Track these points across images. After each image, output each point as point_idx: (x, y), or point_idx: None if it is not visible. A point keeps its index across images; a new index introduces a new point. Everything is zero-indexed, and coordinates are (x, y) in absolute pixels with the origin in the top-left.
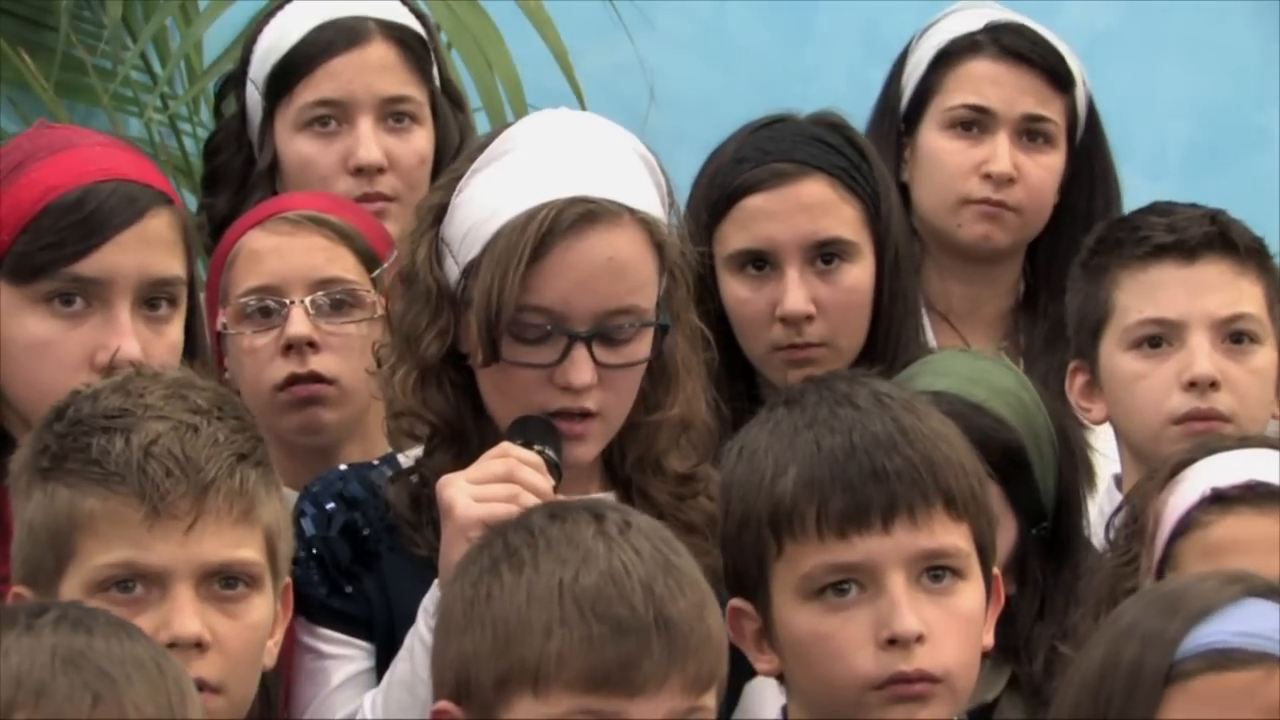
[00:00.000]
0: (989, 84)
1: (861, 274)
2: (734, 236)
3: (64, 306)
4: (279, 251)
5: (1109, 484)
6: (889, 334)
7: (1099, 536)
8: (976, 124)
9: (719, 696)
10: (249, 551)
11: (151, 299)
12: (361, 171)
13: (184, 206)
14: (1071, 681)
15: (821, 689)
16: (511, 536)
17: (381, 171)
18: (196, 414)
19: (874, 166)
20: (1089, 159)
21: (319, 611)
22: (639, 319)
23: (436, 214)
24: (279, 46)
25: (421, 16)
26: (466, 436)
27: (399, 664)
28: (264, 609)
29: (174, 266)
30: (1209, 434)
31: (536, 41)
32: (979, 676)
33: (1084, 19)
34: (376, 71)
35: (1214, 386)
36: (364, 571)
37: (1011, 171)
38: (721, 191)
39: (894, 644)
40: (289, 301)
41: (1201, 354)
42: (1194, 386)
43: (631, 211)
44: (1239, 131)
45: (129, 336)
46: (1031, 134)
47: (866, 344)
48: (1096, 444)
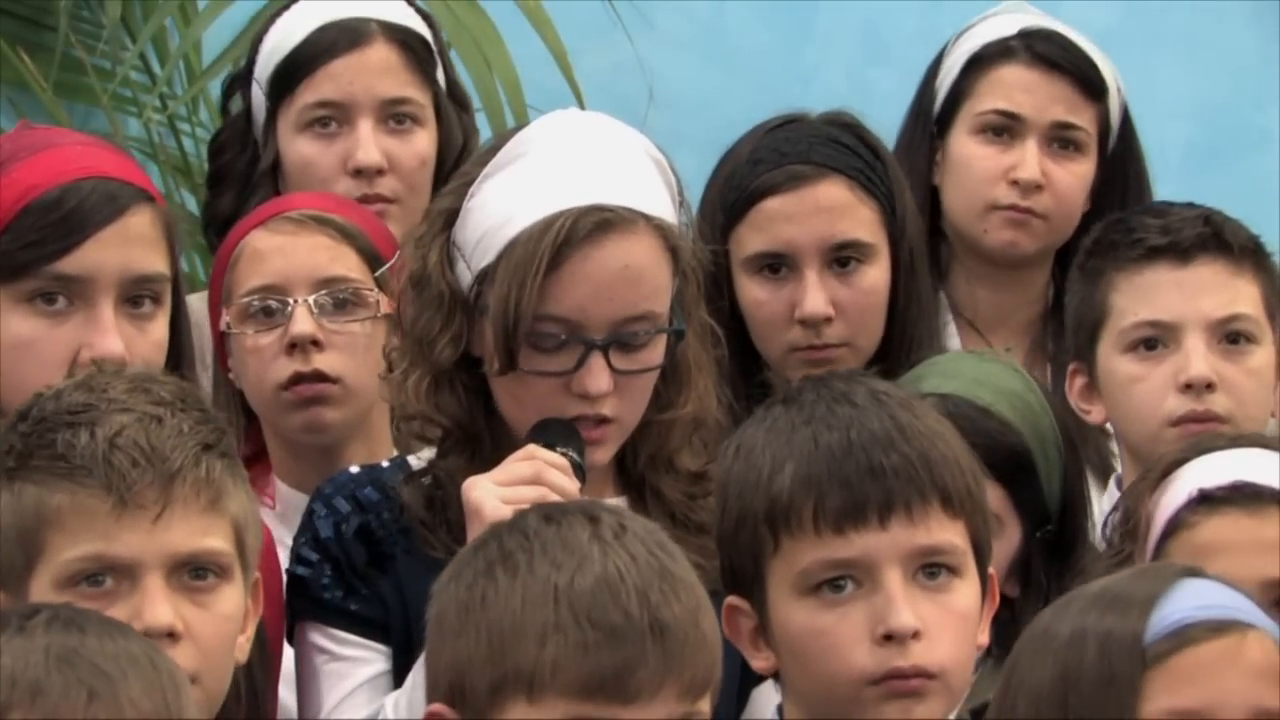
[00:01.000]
0: (1020, 90)
1: (879, 275)
2: (752, 239)
3: (46, 305)
4: (282, 251)
5: (1111, 485)
6: (905, 334)
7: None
8: (1006, 130)
9: (714, 701)
10: (217, 541)
11: (134, 296)
12: (360, 173)
13: (167, 204)
14: (1018, 698)
15: (818, 686)
16: (506, 539)
17: (381, 173)
18: (160, 405)
19: (888, 167)
20: (1122, 166)
21: (334, 614)
22: (654, 325)
23: (448, 218)
24: (282, 46)
25: (427, 17)
26: (479, 439)
27: (422, 665)
28: (234, 600)
29: (156, 263)
30: (1205, 435)
31: (536, 42)
32: (982, 676)
33: (1083, 18)
34: (377, 73)
35: (1210, 388)
36: (379, 574)
37: (1039, 178)
38: (738, 194)
39: (890, 640)
40: (292, 301)
41: (1197, 356)
42: (1190, 388)
43: (646, 218)
44: (1238, 131)
45: (112, 334)
46: (1062, 141)
47: (882, 345)
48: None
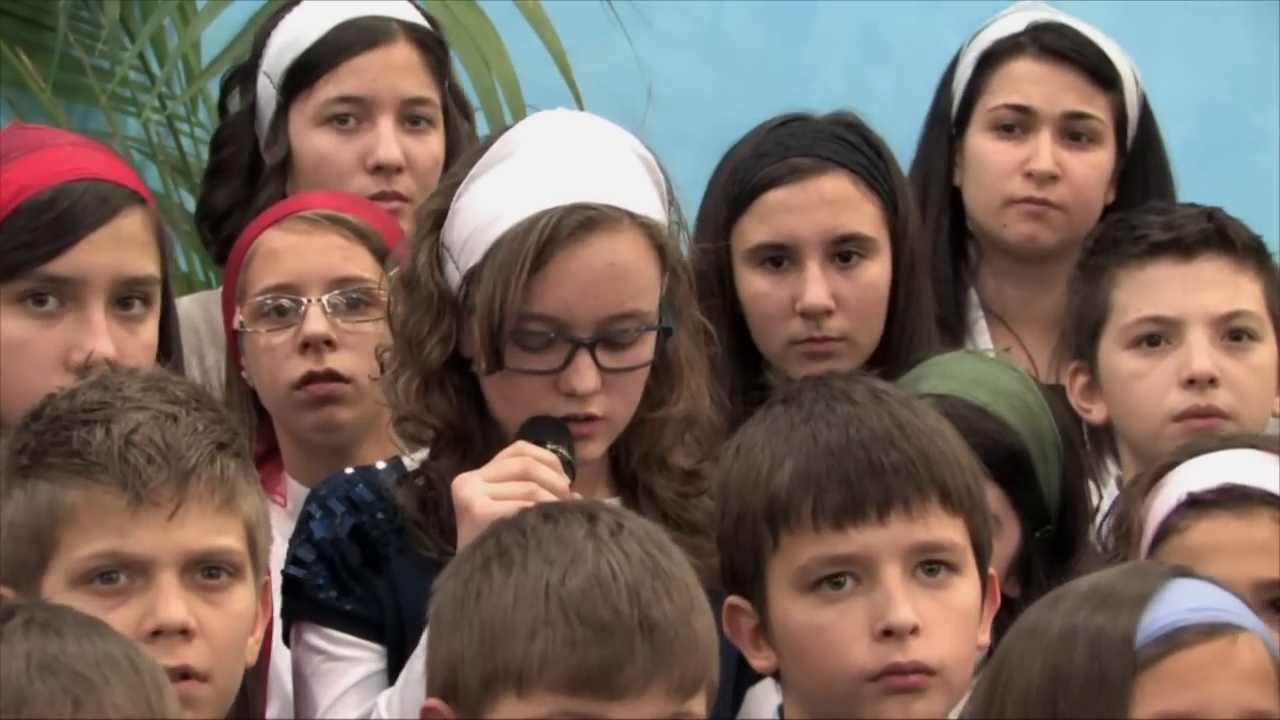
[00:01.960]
0: (1029, 83)
1: (880, 271)
2: (754, 230)
3: (37, 306)
4: (296, 250)
5: (1111, 484)
6: (904, 333)
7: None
8: (1019, 124)
9: (710, 700)
10: (231, 540)
11: (125, 298)
12: (380, 170)
13: (164, 206)
14: (1007, 697)
15: (817, 683)
16: (504, 536)
17: (399, 171)
18: (175, 404)
19: (891, 167)
20: (1142, 157)
21: (329, 614)
22: (642, 323)
23: (436, 219)
24: (300, 41)
25: (435, 21)
26: (471, 439)
27: (415, 662)
28: (246, 599)
29: (147, 266)
30: (1208, 431)
31: (534, 41)
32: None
33: (1082, 19)
34: (400, 71)
35: (1213, 384)
36: (374, 574)
37: (1054, 169)
38: (742, 186)
39: (889, 635)
40: (306, 300)
41: (1200, 351)
42: (1193, 384)
43: (632, 216)
44: (1237, 131)
45: (103, 336)
46: (1074, 132)
47: (881, 344)
48: None
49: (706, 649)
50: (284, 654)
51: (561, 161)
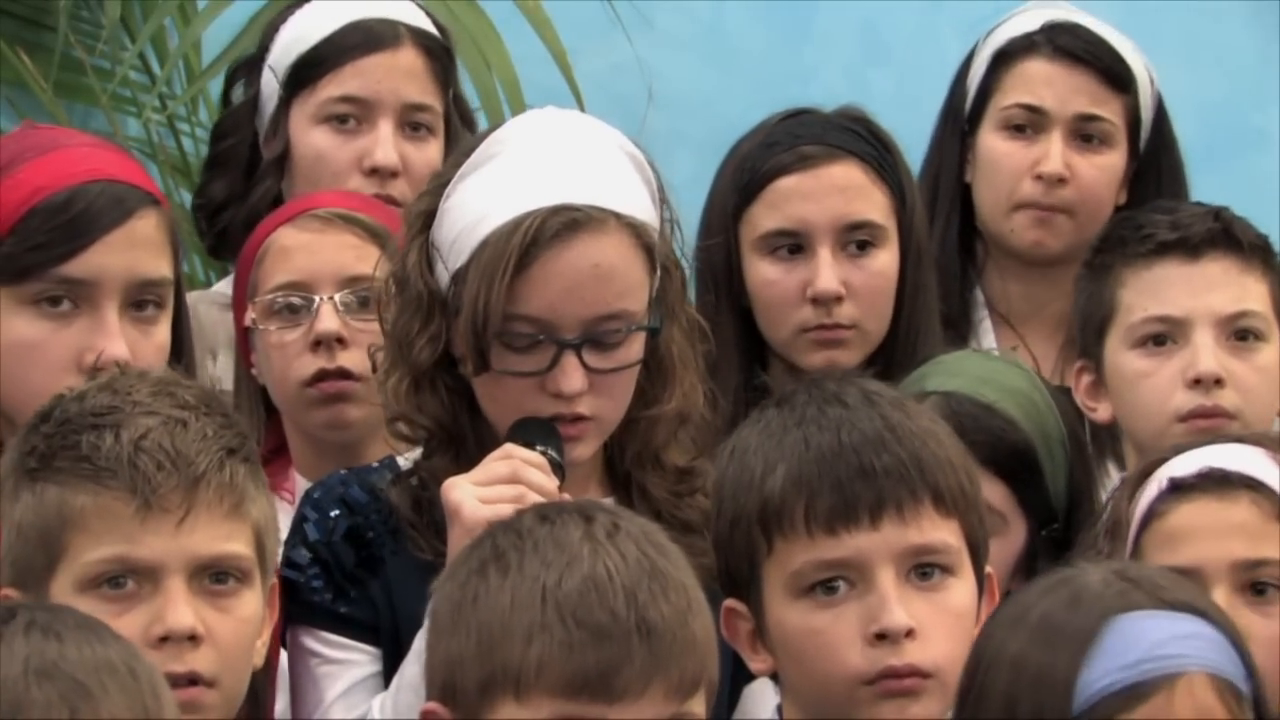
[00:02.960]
0: (1042, 84)
1: (889, 259)
2: (765, 218)
3: (52, 308)
4: (309, 248)
5: (1111, 488)
6: (910, 325)
7: None
8: (1030, 124)
9: (710, 700)
10: (239, 545)
11: (139, 300)
12: (376, 173)
13: (170, 207)
14: (980, 705)
15: (813, 686)
16: (500, 538)
17: (395, 175)
18: (184, 409)
19: (897, 159)
20: (1155, 159)
21: (324, 616)
22: (629, 323)
23: (425, 219)
24: (307, 38)
25: (444, 30)
26: (463, 439)
27: (408, 666)
28: (254, 604)
29: (161, 268)
30: (1213, 431)
31: (535, 41)
32: None
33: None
34: (404, 76)
35: (1218, 383)
36: (368, 576)
37: (1063, 172)
38: (752, 175)
39: (883, 639)
40: (318, 298)
41: (1206, 351)
42: (1198, 384)
43: (617, 216)
44: (1237, 131)
45: (116, 338)
46: (1086, 134)
47: (888, 335)
48: None
49: (705, 649)
50: (281, 654)
51: (547, 161)
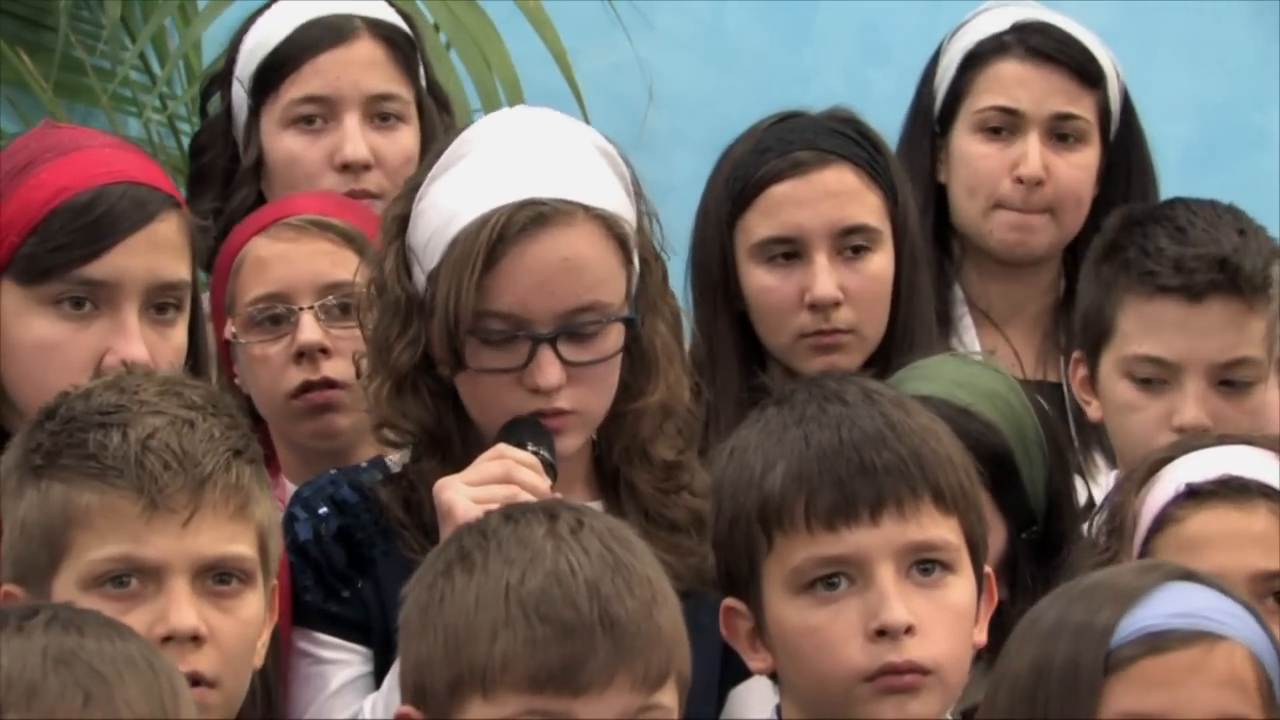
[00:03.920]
0: (1016, 85)
1: (885, 262)
2: (760, 225)
3: (73, 309)
4: (285, 258)
5: (1110, 480)
6: (907, 326)
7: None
8: (1006, 126)
9: (683, 693)
10: (243, 547)
11: (159, 303)
12: (348, 168)
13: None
14: (1000, 686)
15: (813, 683)
16: (465, 539)
17: (368, 168)
18: (191, 409)
19: (889, 160)
20: (1125, 152)
21: (315, 617)
22: (604, 314)
23: (400, 224)
24: (265, 44)
25: (408, 17)
26: (449, 441)
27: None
28: (257, 605)
29: (181, 270)
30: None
31: (535, 41)
32: (973, 679)
33: (1081, 18)
34: (363, 68)
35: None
36: (359, 576)
37: (1041, 173)
38: (745, 182)
39: (883, 635)
40: (298, 308)
41: (1193, 402)
42: (1184, 432)
43: (586, 209)
44: (1237, 131)
45: (136, 340)
46: (1062, 133)
47: (884, 336)
48: None
49: (671, 641)
50: None
51: (514, 158)
